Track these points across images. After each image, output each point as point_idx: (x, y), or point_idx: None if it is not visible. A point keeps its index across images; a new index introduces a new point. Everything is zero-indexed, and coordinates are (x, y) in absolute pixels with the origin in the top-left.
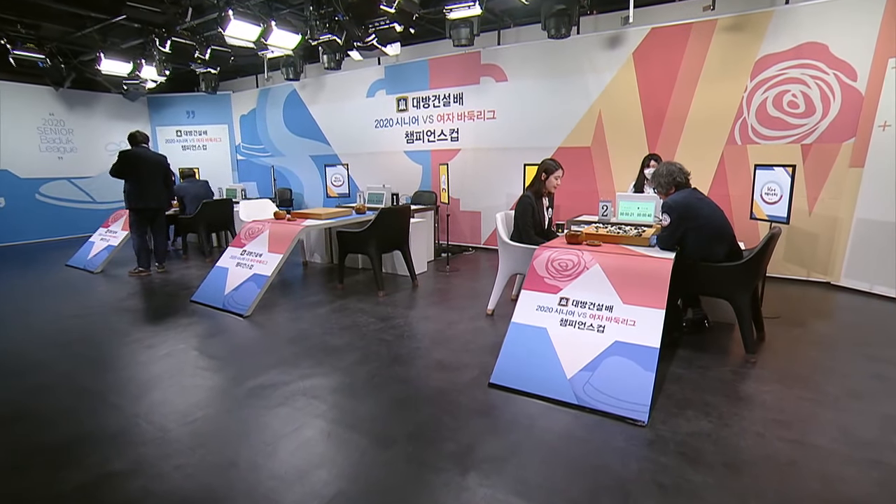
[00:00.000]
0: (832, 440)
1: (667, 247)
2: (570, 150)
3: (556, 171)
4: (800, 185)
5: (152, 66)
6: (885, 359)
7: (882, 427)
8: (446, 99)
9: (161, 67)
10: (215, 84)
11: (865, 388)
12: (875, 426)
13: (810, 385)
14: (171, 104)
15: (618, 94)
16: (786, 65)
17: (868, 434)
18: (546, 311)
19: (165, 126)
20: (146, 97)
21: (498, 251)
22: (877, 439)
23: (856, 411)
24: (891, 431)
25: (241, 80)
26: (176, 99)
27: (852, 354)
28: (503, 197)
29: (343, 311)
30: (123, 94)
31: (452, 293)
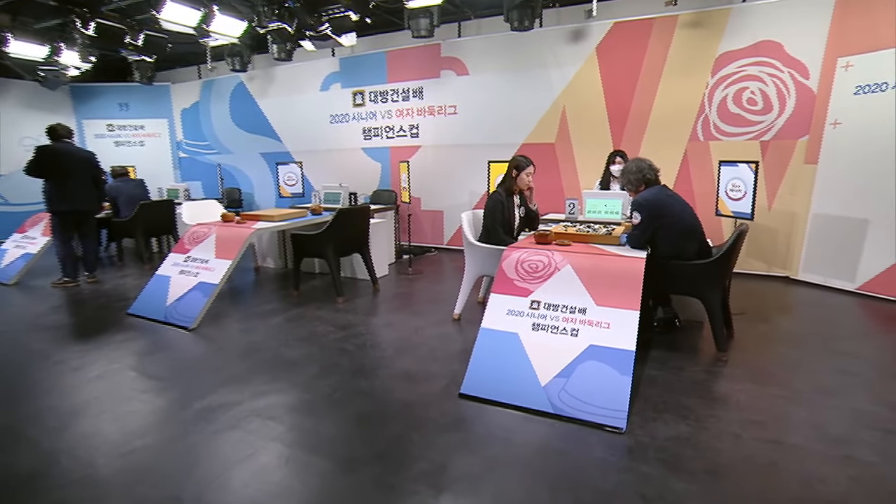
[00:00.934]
0: (807, 438)
1: (637, 245)
2: (535, 147)
3: (528, 167)
4: (760, 182)
5: (74, 50)
6: (847, 352)
7: (851, 422)
8: (405, 93)
9: (85, 53)
10: (151, 74)
11: (832, 383)
12: (845, 421)
13: (781, 382)
14: (99, 95)
15: (582, 89)
16: (744, 62)
17: (839, 430)
18: (517, 316)
19: (94, 119)
20: (69, 86)
21: (463, 252)
22: (847, 435)
23: (826, 407)
24: (860, 426)
25: (181, 70)
26: (106, 89)
27: (816, 349)
28: (466, 195)
29: (300, 320)
30: (41, 81)
31: (416, 297)
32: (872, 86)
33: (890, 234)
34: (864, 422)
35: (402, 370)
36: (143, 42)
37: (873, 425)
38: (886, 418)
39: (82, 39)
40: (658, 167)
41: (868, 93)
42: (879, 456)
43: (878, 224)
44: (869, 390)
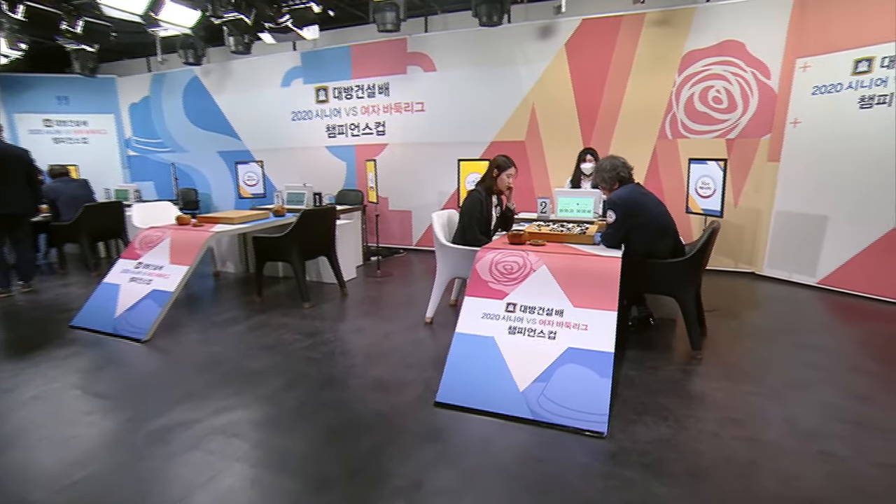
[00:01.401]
0: (782, 434)
1: (612, 244)
2: (504, 145)
3: (509, 168)
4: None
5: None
6: (813, 346)
7: (822, 416)
8: (371, 89)
9: (13, 39)
10: (94, 65)
11: (801, 378)
12: (816, 415)
13: (754, 378)
14: (34, 86)
15: (551, 86)
16: (709, 61)
17: (811, 424)
18: (492, 319)
19: (27, 113)
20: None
21: (433, 253)
22: (819, 429)
23: (797, 402)
24: (830, 419)
25: (128, 62)
26: (41, 80)
27: (785, 344)
28: (435, 195)
29: (263, 328)
30: None
31: (386, 301)
32: (829, 86)
33: (847, 230)
34: (833, 415)
35: (374, 379)
36: (82, 29)
37: (843, 418)
38: (854, 411)
39: (10, 24)
40: (632, 165)
41: (825, 93)
42: (851, 450)
43: (836, 220)
44: (835, 384)
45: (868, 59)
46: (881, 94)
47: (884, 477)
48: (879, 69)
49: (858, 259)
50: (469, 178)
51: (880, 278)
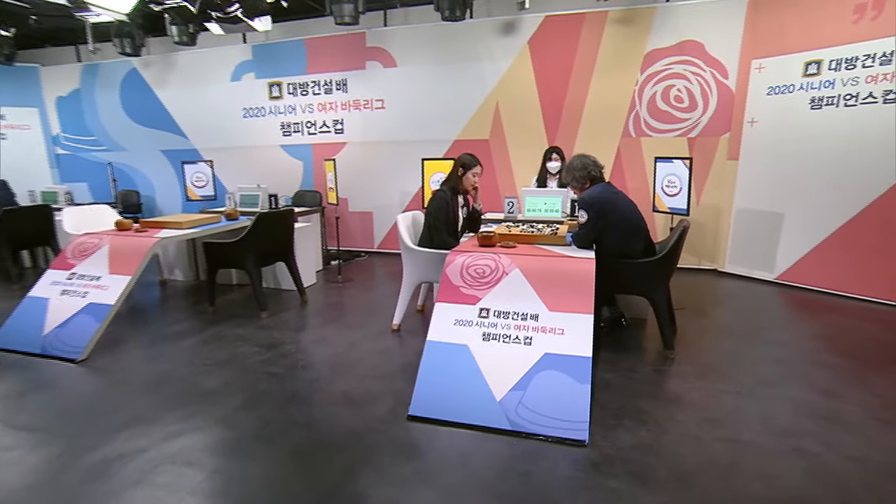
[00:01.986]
0: (758, 433)
1: (584, 245)
2: (468, 144)
3: (474, 166)
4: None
5: None
6: (777, 342)
7: (793, 412)
8: (328, 85)
9: None
10: (11, 52)
11: (770, 374)
12: (788, 412)
13: (726, 377)
14: None
15: (515, 83)
16: (670, 60)
17: (784, 421)
18: (465, 325)
19: None
20: None
21: (400, 256)
22: (792, 426)
23: (769, 399)
24: (801, 416)
25: (53, 50)
26: None
27: (752, 341)
28: (396, 195)
29: (218, 341)
30: None
31: (349, 307)
32: (782, 87)
33: (802, 228)
34: (803, 411)
35: (342, 393)
36: None
37: (812, 414)
38: (821, 406)
39: None
40: (602, 164)
41: (778, 94)
42: (823, 446)
43: (792, 218)
44: (802, 379)
45: (817, 62)
46: (829, 96)
47: (857, 471)
48: (828, 72)
49: (812, 255)
50: (433, 177)
51: (831, 273)
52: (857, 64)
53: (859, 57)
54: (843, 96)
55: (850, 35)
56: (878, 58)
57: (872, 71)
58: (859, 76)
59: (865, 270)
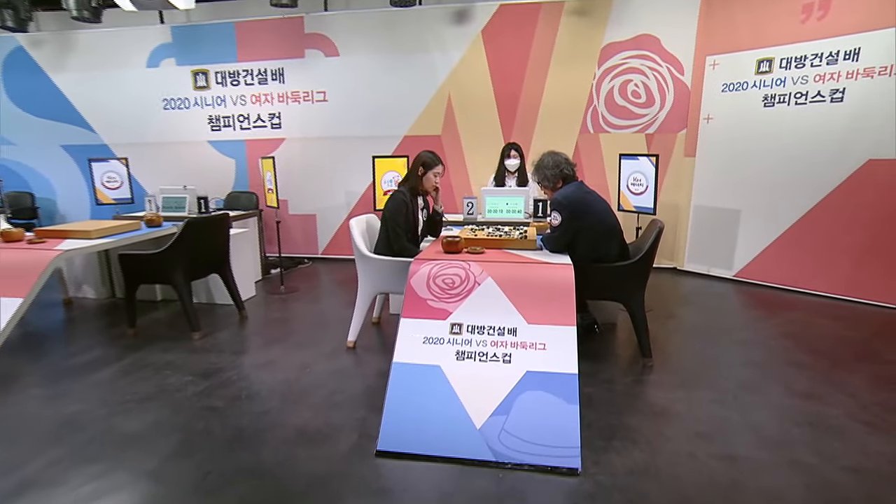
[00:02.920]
0: (751, 447)
1: (557, 249)
2: (419, 140)
3: (436, 166)
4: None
5: None
6: (748, 342)
7: (779, 420)
8: (262, 75)
9: None
10: None
11: (748, 379)
12: (774, 420)
13: (707, 383)
14: None
15: (468, 76)
16: (627, 54)
17: (773, 431)
18: (436, 344)
19: None
20: None
21: (349, 262)
22: (782, 435)
23: (753, 406)
24: (788, 423)
25: None
26: None
27: (723, 342)
28: (342, 195)
29: (140, 371)
30: None
31: (297, 322)
32: (736, 84)
33: (758, 224)
34: (789, 418)
35: (296, 428)
36: None
37: (798, 420)
38: (805, 411)
39: None
40: (574, 162)
41: (733, 91)
42: (818, 456)
43: (748, 215)
44: (780, 382)
45: (769, 60)
46: (781, 94)
47: (856, 483)
48: (779, 70)
49: (769, 252)
50: (385, 177)
51: (788, 269)
52: (806, 63)
53: (808, 56)
54: (793, 94)
55: (799, 34)
56: (825, 57)
57: (820, 70)
58: (808, 75)
59: (820, 266)
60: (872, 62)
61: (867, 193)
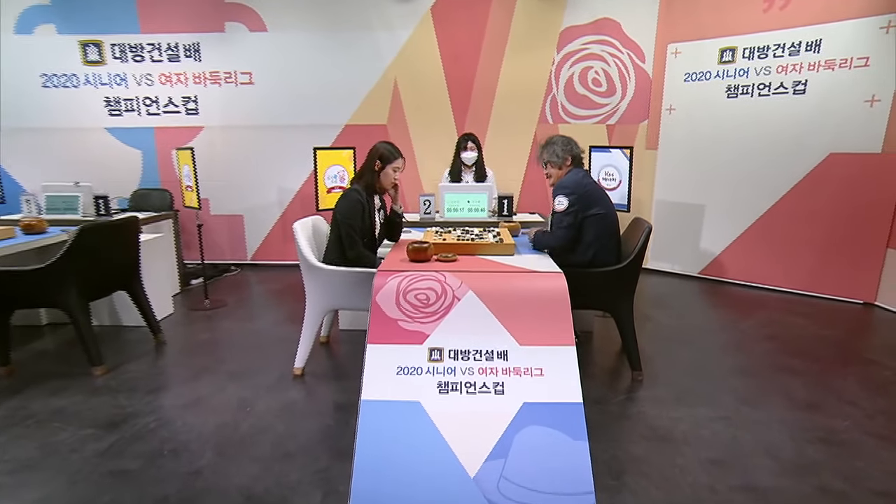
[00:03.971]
0: (773, 474)
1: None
2: (362, 130)
3: (395, 159)
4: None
5: None
6: (729, 346)
7: (790, 438)
8: (173, 50)
9: None
10: None
11: (744, 390)
12: (786, 439)
13: (705, 398)
14: None
15: (416, 58)
16: (587, 39)
17: (789, 452)
18: (413, 374)
19: None
20: None
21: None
22: (800, 457)
23: (759, 423)
24: (800, 441)
25: None
26: None
27: (704, 347)
28: (274, 194)
29: (20, 424)
30: None
31: (228, 346)
32: (699, 74)
33: (722, 220)
34: (799, 434)
35: (240, 491)
36: None
37: (810, 437)
38: (812, 425)
39: None
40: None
41: (696, 81)
42: (844, 480)
43: (712, 210)
44: (776, 392)
45: (731, 49)
46: (744, 85)
47: None
48: (742, 60)
49: (733, 248)
50: (329, 172)
51: (752, 266)
52: (769, 53)
53: (770, 46)
54: (756, 86)
55: (761, 23)
56: (787, 48)
57: (783, 61)
58: (771, 66)
59: (784, 262)
60: (833, 54)
61: (829, 188)
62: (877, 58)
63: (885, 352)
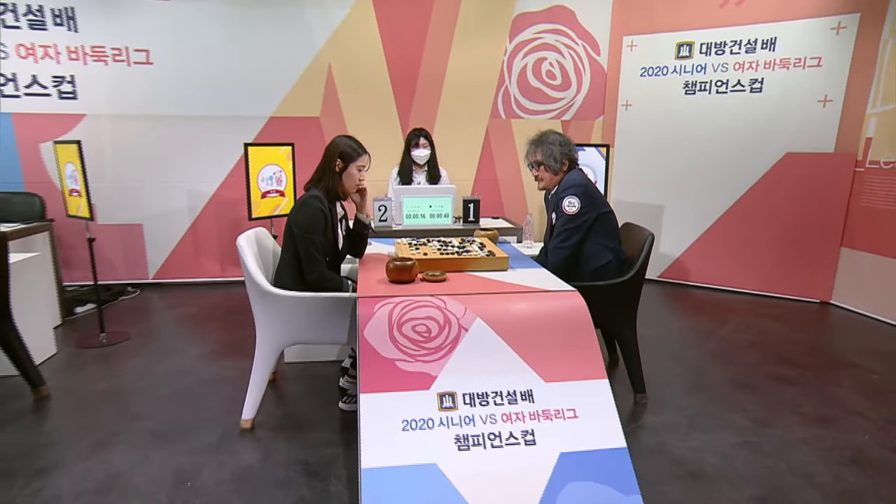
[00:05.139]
0: None
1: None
2: (291, 123)
3: (359, 157)
4: None
5: None
6: (715, 355)
7: (819, 459)
8: (37, 16)
9: None
10: None
11: (754, 407)
12: (815, 460)
13: (718, 420)
14: None
15: (353, 42)
16: (541, 27)
17: (827, 477)
18: (423, 429)
19: None
20: None
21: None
22: (840, 483)
23: (782, 445)
24: (831, 462)
25: None
26: None
27: (693, 358)
28: (182, 197)
29: None
30: None
31: (141, 394)
32: (656, 69)
33: (683, 221)
34: (827, 455)
35: None
36: None
37: (837, 457)
38: (833, 444)
39: None
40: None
41: (653, 76)
42: None
43: (672, 211)
44: (782, 406)
45: (689, 44)
46: (702, 81)
47: None
48: (699, 55)
49: (692, 250)
50: (263, 173)
51: (712, 268)
52: (726, 50)
53: (727, 43)
54: (714, 82)
55: (718, 18)
56: (744, 45)
57: (740, 58)
58: (728, 63)
59: (742, 263)
60: (787, 53)
61: (786, 187)
62: (828, 58)
63: (864, 354)
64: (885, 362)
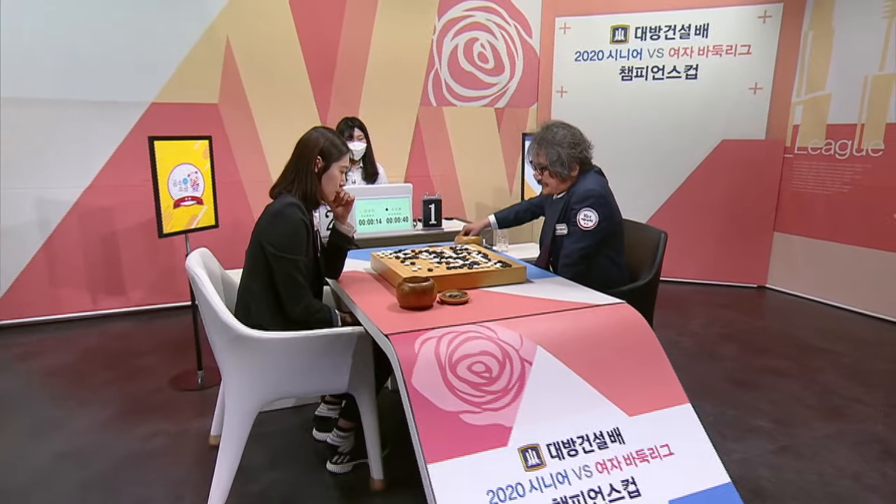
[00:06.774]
0: None
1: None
2: (180, 111)
3: (342, 155)
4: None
5: None
6: (698, 353)
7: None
8: None
9: None
10: None
11: (766, 406)
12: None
13: (742, 425)
14: None
15: (256, 10)
16: (471, 4)
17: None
18: (514, 499)
19: None
20: None
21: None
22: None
23: (821, 447)
24: (875, 462)
25: None
26: None
27: (679, 357)
28: (29, 209)
29: None
30: None
31: (25, 498)
32: (591, 53)
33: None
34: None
35: None
36: None
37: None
38: (855, 437)
39: None
40: None
41: (588, 60)
42: None
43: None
44: (790, 400)
45: (623, 28)
46: (638, 67)
47: None
48: (634, 40)
49: None
50: (175, 174)
51: None
52: (661, 35)
53: (662, 27)
54: (650, 68)
55: (652, 2)
56: (678, 30)
57: (675, 44)
58: (664, 48)
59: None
60: (720, 40)
61: (722, 175)
62: (757, 46)
63: (823, 337)
64: (845, 343)
